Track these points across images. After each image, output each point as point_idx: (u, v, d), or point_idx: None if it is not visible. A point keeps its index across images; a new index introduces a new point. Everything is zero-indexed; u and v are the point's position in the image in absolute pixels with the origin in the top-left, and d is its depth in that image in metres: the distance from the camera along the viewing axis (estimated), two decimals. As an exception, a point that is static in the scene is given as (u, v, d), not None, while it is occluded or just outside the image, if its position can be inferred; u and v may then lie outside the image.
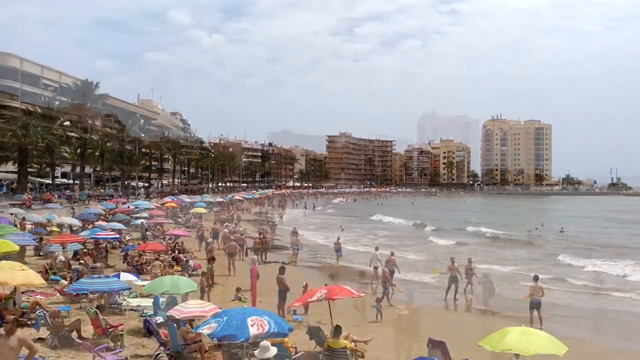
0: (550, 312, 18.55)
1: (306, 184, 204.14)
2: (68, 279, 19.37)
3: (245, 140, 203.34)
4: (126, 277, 18.56)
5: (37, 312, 13.95)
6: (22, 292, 16.26)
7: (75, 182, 64.55)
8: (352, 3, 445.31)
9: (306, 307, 17.02)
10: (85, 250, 25.90)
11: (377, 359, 12.91)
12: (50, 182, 57.83)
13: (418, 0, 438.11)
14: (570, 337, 14.03)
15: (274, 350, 9.72)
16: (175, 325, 11.87)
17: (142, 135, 78.59)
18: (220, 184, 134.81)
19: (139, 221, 39.26)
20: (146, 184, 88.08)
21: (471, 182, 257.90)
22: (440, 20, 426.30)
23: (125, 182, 72.52)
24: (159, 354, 11.77)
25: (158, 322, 13.47)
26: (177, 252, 28.52)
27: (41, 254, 26.08)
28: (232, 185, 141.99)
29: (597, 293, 23.75)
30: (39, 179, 61.85)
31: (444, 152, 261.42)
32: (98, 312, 12.87)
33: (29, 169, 56.36)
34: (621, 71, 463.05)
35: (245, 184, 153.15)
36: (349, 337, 12.82)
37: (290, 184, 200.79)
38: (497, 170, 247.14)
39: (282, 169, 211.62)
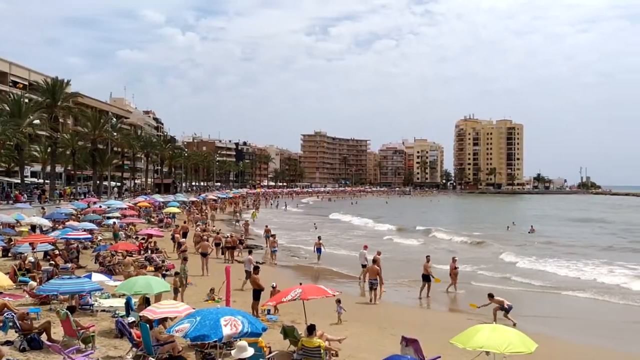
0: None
1: (281, 184, 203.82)
2: (37, 280, 19.04)
3: (219, 139, 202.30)
4: (98, 277, 18.28)
5: (5, 314, 13.67)
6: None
7: (46, 181, 63.43)
8: (326, 3, 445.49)
9: (275, 307, 16.92)
10: (56, 250, 25.47)
11: (351, 358, 12.96)
12: (19, 181, 56.64)
13: (392, 1, 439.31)
14: (540, 334, 14.27)
15: (250, 351, 9.68)
16: (147, 325, 11.76)
17: (115, 134, 77.54)
18: (194, 183, 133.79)
19: (111, 221, 38.74)
20: (118, 184, 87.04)
21: (444, 181, 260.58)
22: (414, 20, 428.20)
23: (97, 182, 71.51)
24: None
25: (130, 322, 13.33)
26: (150, 252, 28.26)
27: (10, 255, 25.53)
28: (205, 184, 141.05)
29: (547, 292, 24.23)
30: (7, 179, 60.61)
31: (418, 152, 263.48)
32: (68, 313, 12.66)
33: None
34: (590, 72, 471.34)
35: (219, 183, 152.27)
36: (323, 336, 12.86)
37: (265, 183, 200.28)
38: (469, 169, 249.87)
39: (256, 168, 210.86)
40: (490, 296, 18.32)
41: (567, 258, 34.00)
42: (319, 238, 32.78)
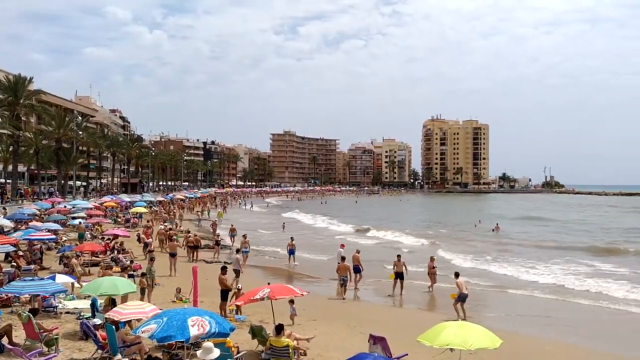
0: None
1: (249, 183, 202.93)
2: (-1, 282, 18.58)
3: (187, 138, 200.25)
4: (62, 279, 17.92)
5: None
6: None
7: (8, 181, 61.94)
8: (295, 2, 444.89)
9: (238, 307, 16.82)
10: (19, 252, 24.89)
11: (320, 356, 12.99)
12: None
13: (360, 1, 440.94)
14: (505, 330, 14.55)
15: (217, 352, 9.64)
16: (113, 327, 11.59)
17: (80, 132, 76.11)
18: (161, 183, 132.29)
19: (76, 221, 38.06)
20: (84, 183, 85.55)
21: (412, 180, 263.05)
22: (382, 21, 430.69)
23: (62, 181, 70.11)
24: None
25: (96, 324, 13.12)
26: (116, 252, 27.85)
27: (-31, 256, 24.86)
28: (173, 184, 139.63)
29: (494, 291, 24.61)
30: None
31: (386, 152, 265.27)
32: (31, 316, 12.40)
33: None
34: (553, 74, 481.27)
35: (186, 183, 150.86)
36: (292, 336, 12.87)
37: (234, 182, 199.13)
38: (436, 169, 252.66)
39: (225, 168, 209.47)
40: (457, 275, 19.42)
41: (516, 257, 34.62)
42: (292, 239, 32.18)
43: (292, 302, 15.95)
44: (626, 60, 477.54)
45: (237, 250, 24.86)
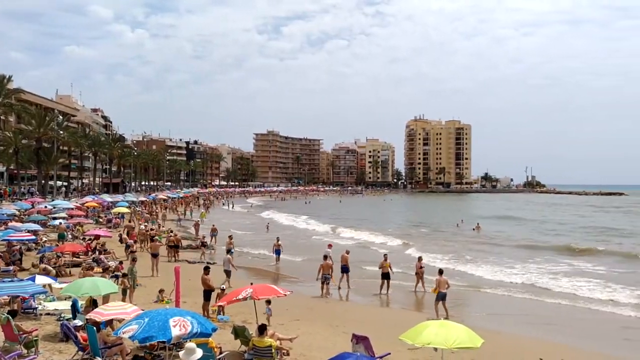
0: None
1: (233, 183, 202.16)
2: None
3: (170, 137, 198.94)
4: (42, 280, 17.71)
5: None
6: None
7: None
8: (278, 1, 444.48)
9: (221, 308, 16.75)
10: (-3, 252, 24.58)
11: (303, 356, 13.00)
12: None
13: (343, 1, 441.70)
14: (486, 329, 14.67)
15: (199, 352, 9.60)
16: (94, 328, 11.49)
17: (61, 132, 75.33)
18: (143, 183, 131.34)
19: (57, 221, 37.65)
20: (65, 183, 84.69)
21: (395, 180, 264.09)
22: (365, 21, 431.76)
23: (43, 181, 69.37)
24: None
25: (77, 325, 13.00)
26: (97, 253, 27.60)
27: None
28: (155, 184, 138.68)
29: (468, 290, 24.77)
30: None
31: (370, 151, 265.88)
32: (9, 317, 12.24)
33: None
34: (535, 75, 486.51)
35: (169, 183, 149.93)
36: (275, 336, 12.87)
37: (217, 182, 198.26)
38: (419, 169, 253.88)
39: (208, 168, 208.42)
40: (440, 272, 19.80)
41: (494, 257, 34.93)
42: (278, 239, 31.76)
43: (268, 302, 15.64)
44: (606, 61, 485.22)
45: (229, 251, 24.84)
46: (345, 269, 23.94)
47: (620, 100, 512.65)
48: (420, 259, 24.70)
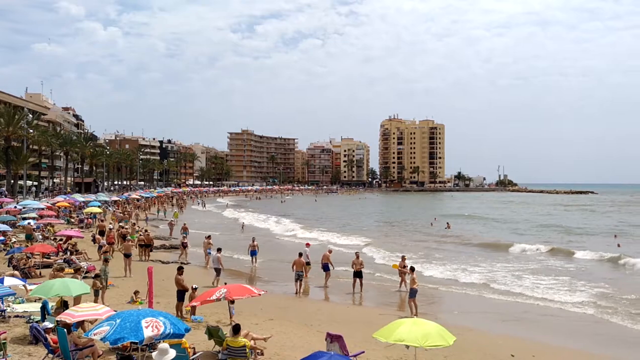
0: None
1: (207, 182, 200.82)
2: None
3: (143, 136, 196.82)
4: (11, 281, 17.40)
5: None
6: None
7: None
8: (252, 0, 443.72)
9: (194, 308, 16.63)
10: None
11: (277, 355, 12.99)
12: None
13: (318, 0, 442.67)
14: (458, 326, 14.84)
15: (172, 353, 9.54)
16: (65, 330, 11.33)
17: (31, 131, 73.96)
18: (116, 182, 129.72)
19: (26, 222, 36.98)
20: (36, 183, 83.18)
21: (370, 179, 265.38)
22: (339, 20, 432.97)
23: (12, 181, 68.03)
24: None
25: (47, 327, 12.79)
26: (69, 253, 27.21)
27: None
28: (128, 183, 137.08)
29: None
30: None
31: (345, 151, 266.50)
32: (-22, 320, 12.03)
33: None
34: (507, 75, 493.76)
35: (142, 182, 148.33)
36: (249, 335, 12.84)
37: (191, 182, 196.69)
38: (394, 168, 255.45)
39: (181, 167, 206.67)
40: (412, 269, 20.34)
41: (461, 256, 35.22)
42: (254, 240, 31.09)
43: (232, 302, 15.55)
44: (575, 62, 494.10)
45: (219, 250, 24.70)
46: (326, 267, 24.30)
47: (590, 102, 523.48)
48: (404, 257, 24.83)
